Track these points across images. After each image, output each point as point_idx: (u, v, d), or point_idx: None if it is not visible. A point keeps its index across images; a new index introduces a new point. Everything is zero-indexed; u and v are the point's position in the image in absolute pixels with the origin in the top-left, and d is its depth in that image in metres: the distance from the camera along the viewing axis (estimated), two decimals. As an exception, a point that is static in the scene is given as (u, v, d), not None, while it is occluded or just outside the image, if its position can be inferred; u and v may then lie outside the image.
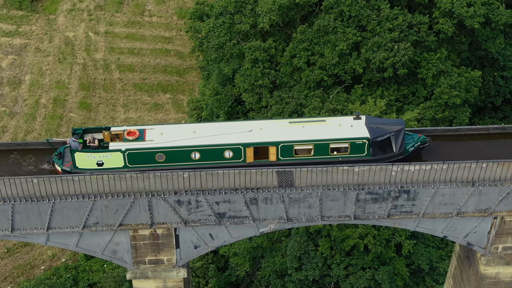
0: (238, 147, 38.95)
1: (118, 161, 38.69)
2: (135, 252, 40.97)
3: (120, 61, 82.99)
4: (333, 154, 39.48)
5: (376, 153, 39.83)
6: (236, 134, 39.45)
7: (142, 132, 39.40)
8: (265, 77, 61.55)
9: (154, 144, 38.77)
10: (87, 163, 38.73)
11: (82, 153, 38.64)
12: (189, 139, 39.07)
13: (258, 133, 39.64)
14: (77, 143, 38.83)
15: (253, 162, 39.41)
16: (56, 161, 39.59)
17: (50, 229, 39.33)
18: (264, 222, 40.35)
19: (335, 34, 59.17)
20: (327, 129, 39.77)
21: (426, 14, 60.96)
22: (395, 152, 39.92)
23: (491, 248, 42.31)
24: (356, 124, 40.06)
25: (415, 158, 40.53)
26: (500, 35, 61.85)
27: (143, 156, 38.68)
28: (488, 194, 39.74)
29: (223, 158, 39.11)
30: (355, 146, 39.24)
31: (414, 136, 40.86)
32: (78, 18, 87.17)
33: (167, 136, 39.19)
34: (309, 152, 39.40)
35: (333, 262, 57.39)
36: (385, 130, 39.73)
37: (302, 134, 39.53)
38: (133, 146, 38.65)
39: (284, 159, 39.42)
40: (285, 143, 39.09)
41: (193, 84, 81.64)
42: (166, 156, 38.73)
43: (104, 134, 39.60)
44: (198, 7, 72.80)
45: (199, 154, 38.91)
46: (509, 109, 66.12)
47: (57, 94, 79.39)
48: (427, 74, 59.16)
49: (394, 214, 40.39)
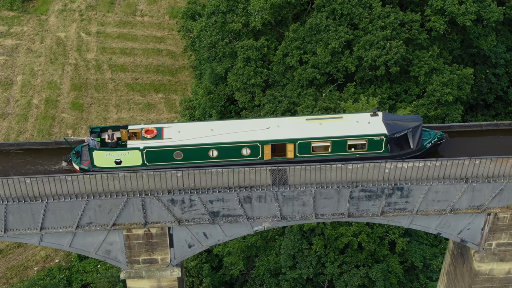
0: (256, 145, 38.86)
1: (136, 159, 38.63)
2: (129, 251, 40.86)
3: (112, 61, 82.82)
4: (350, 151, 39.41)
5: (394, 150, 39.78)
6: (254, 131, 39.45)
7: (160, 130, 39.38)
8: (257, 76, 61.51)
9: (172, 142, 38.72)
10: (105, 162, 38.67)
11: (100, 151, 38.57)
12: (206, 137, 39.04)
13: (275, 130, 39.59)
14: (95, 142, 38.78)
15: (270, 159, 39.37)
16: (74, 159, 39.46)
17: (43, 229, 39.17)
18: (258, 220, 40.31)
19: (327, 32, 59.21)
20: (345, 126, 39.71)
21: (418, 12, 61.07)
22: (412, 148, 39.88)
23: (485, 245, 42.38)
24: (374, 120, 40.02)
25: (432, 154, 40.52)
26: (491, 32, 62.01)
27: (161, 154, 38.65)
28: (481, 190, 39.80)
29: (241, 155, 39.06)
30: (373, 142, 39.21)
31: (431, 132, 40.88)
32: (69, 18, 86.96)
33: (185, 134, 39.21)
34: (326, 149, 39.28)
35: (327, 260, 57.42)
36: (402, 126, 39.70)
37: (320, 131, 39.40)
38: (151, 144, 38.61)
39: (302, 156, 39.34)
40: (302, 140, 39.02)
41: (185, 83, 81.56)
42: (184, 154, 38.72)
43: (122, 132, 39.61)
44: (190, 7, 72.72)
45: (217, 151, 38.85)
46: (501, 106, 66.27)
47: (49, 94, 79.16)
48: (419, 71, 59.25)
49: (388, 211, 40.41)
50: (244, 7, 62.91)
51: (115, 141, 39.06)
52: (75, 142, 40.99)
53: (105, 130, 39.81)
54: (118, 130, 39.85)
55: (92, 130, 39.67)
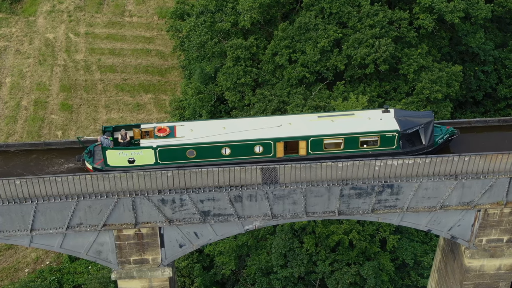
0: (268, 142, 38.93)
1: (149, 158, 38.65)
2: (119, 252, 40.77)
3: (101, 61, 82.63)
4: (363, 148, 39.48)
5: (406, 146, 39.85)
6: (266, 129, 39.49)
7: (173, 129, 39.43)
8: (247, 75, 61.51)
9: (185, 141, 38.78)
10: (119, 161, 38.67)
11: (113, 150, 38.57)
12: (219, 135, 39.07)
13: (287, 127, 39.64)
14: (108, 141, 38.76)
15: (283, 157, 39.44)
16: (87, 159, 39.42)
17: (33, 231, 39.05)
18: (249, 219, 40.31)
19: (316, 31, 59.28)
20: (357, 123, 39.77)
21: (406, 10, 61.23)
22: (424, 144, 39.97)
23: (475, 241, 42.52)
24: (385, 117, 40.07)
25: (444, 150, 40.60)
26: (480, 29, 62.20)
27: (174, 153, 38.69)
28: (471, 187, 39.93)
29: (253, 153, 39.13)
30: (385, 139, 39.28)
31: (442, 128, 40.97)
32: (58, 19, 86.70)
33: (198, 132, 39.29)
34: (339, 146, 39.35)
35: (318, 259, 57.48)
36: (414, 122, 39.73)
37: (332, 128, 39.49)
38: (164, 142, 38.64)
39: (314, 153, 39.38)
40: (315, 137, 39.04)
41: (175, 83, 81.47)
42: (197, 152, 38.78)
43: (134, 131, 39.65)
44: (179, 6, 72.66)
45: (230, 149, 38.89)
46: (490, 104, 66.49)
47: (38, 96, 78.92)
48: (408, 69, 59.40)
49: (378, 208, 40.49)
50: (233, 6, 62.94)
51: (128, 140, 39.14)
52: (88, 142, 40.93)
53: (117, 129, 39.89)
54: (130, 129, 39.96)
55: (104, 129, 39.70)
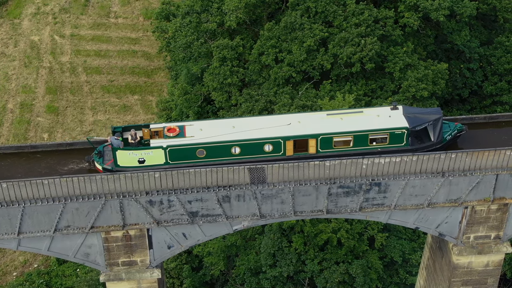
0: (278, 141, 39.01)
1: (159, 158, 38.68)
2: (107, 254, 40.65)
3: (86, 63, 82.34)
4: (372, 145, 39.62)
5: (414, 143, 40.03)
6: (275, 127, 39.57)
7: (182, 129, 39.48)
8: (233, 75, 61.48)
9: (194, 140, 38.82)
10: (129, 161, 38.65)
11: (123, 151, 38.57)
12: (229, 134, 39.14)
13: (297, 126, 39.74)
14: (119, 141, 38.79)
15: (292, 155, 39.49)
16: (97, 160, 39.39)
17: (21, 234, 38.86)
18: (237, 219, 40.29)
19: (302, 30, 59.33)
20: (366, 120, 39.92)
21: (392, 8, 61.37)
22: (433, 141, 40.15)
23: (463, 238, 42.69)
24: (394, 114, 40.20)
25: (452, 147, 40.76)
26: (465, 27, 62.44)
27: (184, 152, 38.73)
28: (458, 184, 40.09)
29: (263, 152, 39.22)
30: (394, 136, 39.41)
31: (450, 125, 41.19)
32: (43, 21, 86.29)
33: (207, 131, 39.34)
34: (348, 143, 39.49)
35: (307, 258, 57.53)
36: (423, 119, 39.88)
37: (341, 125, 39.60)
38: (174, 142, 38.67)
39: (324, 151, 39.50)
40: (324, 135, 39.17)
41: (161, 84, 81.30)
42: (207, 152, 38.82)
43: (144, 131, 39.68)
44: (164, 7, 72.53)
45: (239, 148, 38.96)
46: (476, 101, 66.73)
47: (24, 98, 78.56)
48: (394, 68, 59.55)
49: (366, 207, 40.57)
50: (219, 6, 62.87)
51: (138, 140, 39.15)
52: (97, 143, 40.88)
53: (127, 129, 39.96)
54: (140, 129, 40.02)
55: (114, 129, 39.71)
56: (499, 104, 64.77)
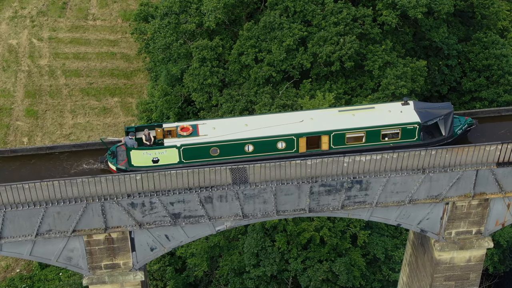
0: (291, 138, 39.16)
1: (173, 157, 38.74)
2: (90, 257, 40.48)
3: (65, 66, 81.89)
4: (384, 141, 39.86)
5: (426, 138, 40.26)
6: (288, 125, 39.78)
7: (195, 127, 39.57)
8: (214, 76, 61.42)
9: (208, 139, 38.92)
10: (143, 161, 38.66)
11: (137, 150, 38.58)
12: (242, 132, 39.29)
13: (309, 123, 39.88)
14: (133, 141, 38.73)
15: (305, 152, 39.66)
16: (110, 160, 39.33)
17: (2, 239, 38.58)
18: (220, 220, 40.28)
19: (281, 30, 59.40)
20: (378, 116, 40.11)
21: (370, 6, 61.60)
22: (444, 135, 40.40)
23: (445, 234, 42.95)
24: (406, 109, 40.38)
25: (462, 141, 40.99)
26: (443, 24, 62.80)
27: (198, 151, 38.80)
28: (438, 180, 40.33)
29: (276, 149, 39.38)
30: (406, 131, 39.62)
31: (461, 119, 41.43)
32: (20, 25, 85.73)
33: (220, 130, 39.41)
34: (360, 139, 39.71)
35: (290, 257, 57.63)
36: (434, 114, 40.10)
37: (354, 122, 39.80)
38: (188, 141, 38.73)
39: (336, 147, 39.71)
40: (337, 132, 39.35)
41: (141, 86, 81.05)
42: (220, 150, 38.92)
43: (157, 131, 39.73)
44: (142, 8, 72.27)
45: (253, 146, 39.07)
46: (456, 97, 67.12)
47: (2, 103, 78.01)
48: (373, 66, 59.77)
49: (348, 205, 40.71)
50: (197, 7, 62.74)
51: (153, 140, 39.17)
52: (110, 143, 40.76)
53: (140, 129, 40.00)
54: (152, 129, 40.08)
55: (127, 129, 39.68)
56: (478, 100, 65.19)
